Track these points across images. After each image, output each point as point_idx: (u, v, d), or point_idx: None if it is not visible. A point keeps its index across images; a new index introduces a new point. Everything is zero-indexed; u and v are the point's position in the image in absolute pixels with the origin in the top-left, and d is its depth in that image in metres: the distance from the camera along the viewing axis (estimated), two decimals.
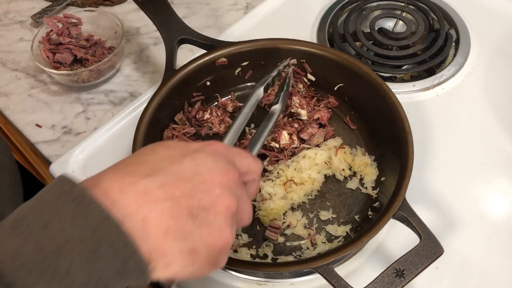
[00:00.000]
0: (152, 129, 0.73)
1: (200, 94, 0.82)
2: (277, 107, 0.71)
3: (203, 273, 0.40)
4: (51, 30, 0.93)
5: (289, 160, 0.76)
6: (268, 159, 0.76)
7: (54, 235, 0.33)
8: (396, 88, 0.85)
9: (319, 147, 0.77)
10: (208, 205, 0.40)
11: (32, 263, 0.32)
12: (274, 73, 0.76)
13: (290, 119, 0.80)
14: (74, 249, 0.33)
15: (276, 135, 0.76)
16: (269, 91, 0.80)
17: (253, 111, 0.71)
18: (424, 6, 0.98)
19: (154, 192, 0.37)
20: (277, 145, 0.76)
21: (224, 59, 0.80)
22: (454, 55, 0.92)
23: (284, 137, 0.76)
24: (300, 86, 0.83)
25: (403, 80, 0.91)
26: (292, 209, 0.73)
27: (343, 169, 0.75)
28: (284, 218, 0.71)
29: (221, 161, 0.42)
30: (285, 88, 0.74)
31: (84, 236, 0.33)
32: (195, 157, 0.41)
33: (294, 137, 0.77)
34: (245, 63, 0.82)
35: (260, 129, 0.68)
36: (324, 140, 0.78)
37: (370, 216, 0.70)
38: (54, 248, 0.33)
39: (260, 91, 0.72)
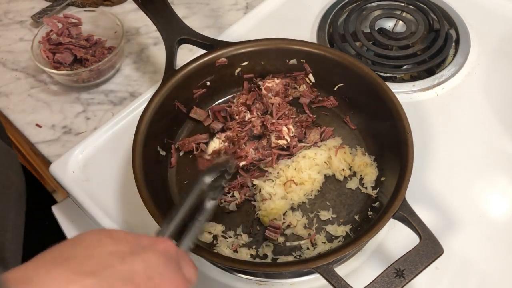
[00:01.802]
0: (152, 129, 0.73)
1: (200, 89, 0.82)
2: (213, 203, 0.61)
3: None
4: (51, 30, 0.93)
5: (289, 160, 0.76)
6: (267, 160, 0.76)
7: None
8: (396, 88, 0.85)
9: (319, 147, 0.77)
10: None
11: None
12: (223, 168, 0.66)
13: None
14: None
15: (278, 132, 0.76)
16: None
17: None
18: (424, 6, 0.98)
19: None
20: (284, 142, 0.76)
21: (224, 59, 0.80)
22: (454, 55, 0.92)
23: (285, 131, 0.76)
24: (303, 86, 0.83)
25: (403, 80, 0.91)
26: (292, 209, 0.73)
27: (343, 169, 0.75)
28: (284, 218, 0.71)
29: (172, 266, 0.39)
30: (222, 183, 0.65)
31: None
32: (145, 258, 0.37)
33: (291, 126, 0.77)
34: (245, 63, 0.82)
35: (194, 225, 0.57)
36: (322, 140, 0.78)
37: (370, 216, 0.70)
38: None
39: (206, 181, 0.62)
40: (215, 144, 0.78)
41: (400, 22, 0.98)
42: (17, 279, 0.31)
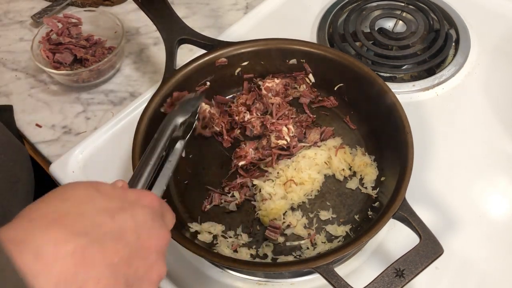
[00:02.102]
0: (152, 129, 0.73)
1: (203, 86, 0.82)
2: (183, 143, 0.60)
3: None
4: (51, 30, 0.93)
5: (289, 160, 0.76)
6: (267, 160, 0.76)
7: None
8: (396, 88, 0.85)
9: (319, 147, 0.77)
10: (143, 273, 0.37)
11: None
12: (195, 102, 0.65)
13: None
14: None
15: (278, 132, 0.76)
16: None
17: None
18: (424, 6, 0.98)
19: (91, 256, 0.33)
20: (284, 142, 0.76)
21: (224, 59, 0.80)
22: (454, 55, 0.92)
23: (285, 131, 0.76)
24: (303, 86, 0.83)
25: (403, 80, 0.91)
26: (292, 209, 0.73)
27: (343, 169, 0.75)
28: (284, 218, 0.71)
29: (158, 220, 0.41)
30: (194, 122, 0.64)
31: None
32: (134, 214, 0.38)
33: (290, 126, 0.77)
34: (245, 63, 0.82)
35: (165, 166, 0.57)
36: (323, 140, 0.78)
37: (370, 216, 0.70)
38: None
39: (178, 121, 0.60)
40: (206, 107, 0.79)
41: (400, 22, 0.98)
42: (10, 239, 0.31)
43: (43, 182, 0.81)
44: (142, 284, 0.37)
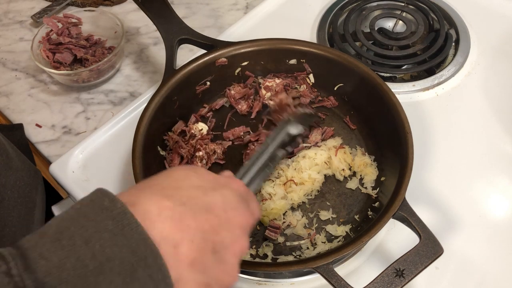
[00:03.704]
0: (152, 129, 0.73)
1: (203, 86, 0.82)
2: (284, 153, 0.62)
3: None
4: (51, 30, 0.93)
5: (289, 160, 0.76)
6: None
7: (96, 253, 0.33)
8: (396, 88, 0.85)
9: (319, 147, 0.77)
10: (229, 244, 0.42)
11: (75, 278, 0.32)
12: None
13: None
14: (114, 269, 0.33)
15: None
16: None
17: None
18: (424, 6, 0.98)
19: (187, 221, 0.39)
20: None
21: (224, 59, 0.80)
22: (454, 55, 0.92)
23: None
24: (303, 86, 0.83)
25: (403, 80, 0.91)
26: (292, 209, 0.73)
27: (343, 169, 0.75)
28: (284, 218, 0.71)
29: (243, 203, 0.46)
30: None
31: (124, 257, 0.34)
32: (223, 193, 0.44)
33: None
34: (245, 63, 0.82)
35: (264, 170, 0.59)
36: (323, 140, 0.78)
37: (370, 216, 0.70)
38: (95, 266, 0.33)
39: (291, 131, 0.61)
40: (202, 126, 0.79)
41: (400, 22, 0.98)
42: (126, 201, 0.37)
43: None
44: (226, 253, 0.41)
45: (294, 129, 0.60)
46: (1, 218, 0.60)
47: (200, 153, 0.75)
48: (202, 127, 0.78)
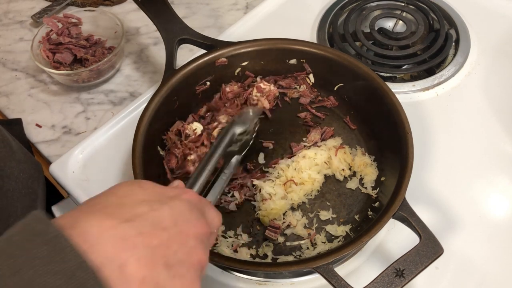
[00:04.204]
0: (152, 129, 0.73)
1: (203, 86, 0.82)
2: (238, 158, 0.64)
3: None
4: (51, 30, 0.93)
5: (289, 160, 0.76)
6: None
7: (26, 284, 0.31)
8: (396, 88, 0.85)
9: (319, 147, 0.77)
10: (183, 257, 0.39)
11: None
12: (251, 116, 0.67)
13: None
14: None
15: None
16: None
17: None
18: (424, 6, 0.98)
19: (132, 239, 0.36)
20: None
21: (224, 59, 0.80)
22: (454, 55, 0.92)
23: None
24: (303, 86, 0.83)
25: (403, 80, 0.91)
26: (292, 209, 0.73)
27: (343, 169, 0.75)
28: (284, 218, 0.71)
29: (196, 212, 0.43)
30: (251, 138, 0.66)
31: (59, 285, 0.31)
32: (172, 206, 0.41)
33: None
34: (245, 63, 0.82)
35: (220, 177, 0.60)
36: (323, 140, 0.78)
37: (370, 216, 0.70)
38: None
39: (236, 131, 0.63)
40: (197, 126, 0.78)
41: (400, 22, 0.98)
42: (62, 225, 0.35)
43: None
44: (181, 267, 0.39)
45: (238, 128, 0.60)
46: (7, 208, 0.60)
47: (192, 156, 0.75)
48: (196, 127, 0.78)
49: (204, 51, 0.81)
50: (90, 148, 0.82)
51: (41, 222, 0.34)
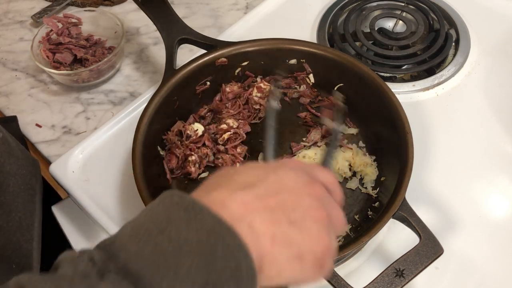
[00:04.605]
0: (152, 129, 0.73)
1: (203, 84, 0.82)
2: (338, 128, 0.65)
3: (311, 279, 0.41)
4: (51, 30, 0.93)
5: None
6: None
7: (172, 238, 0.34)
8: (396, 88, 0.85)
9: (319, 147, 0.77)
10: (302, 214, 0.41)
11: (155, 263, 0.33)
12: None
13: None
14: (193, 250, 0.34)
15: None
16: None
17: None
18: (424, 6, 0.98)
19: (251, 203, 0.39)
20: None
21: (224, 59, 0.80)
22: (454, 55, 0.92)
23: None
24: (303, 86, 0.83)
25: (403, 80, 0.91)
26: None
27: (343, 169, 0.75)
28: None
29: (303, 174, 0.44)
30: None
31: (200, 238, 0.34)
32: (278, 173, 0.43)
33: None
34: (245, 63, 0.82)
35: (329, 148, 0.61)
36: (323, 139, 0.78)
37: (370, 216, 0.70)
38: (174, 248, 0.34)
39: (273, 105, 0.64)
40: (198, 127, 0.78)
41: (400, 22, 0.98)
42: (192, 197, 0.38)
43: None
44: (305, 222, 0.40)
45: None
46: (8, 204, 0.61)
47: (193, 157, 0.75)
48: (197, 128, 0.78)
49: (204, 51, 0.81)
50: (90, 148, 0.82)
51: (176, 195, 0.37)
